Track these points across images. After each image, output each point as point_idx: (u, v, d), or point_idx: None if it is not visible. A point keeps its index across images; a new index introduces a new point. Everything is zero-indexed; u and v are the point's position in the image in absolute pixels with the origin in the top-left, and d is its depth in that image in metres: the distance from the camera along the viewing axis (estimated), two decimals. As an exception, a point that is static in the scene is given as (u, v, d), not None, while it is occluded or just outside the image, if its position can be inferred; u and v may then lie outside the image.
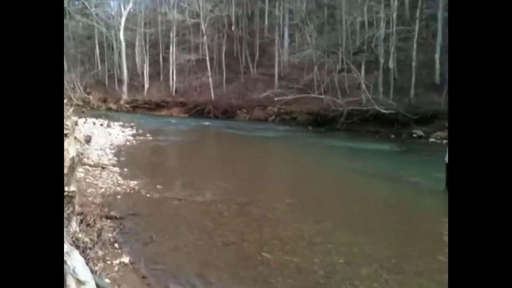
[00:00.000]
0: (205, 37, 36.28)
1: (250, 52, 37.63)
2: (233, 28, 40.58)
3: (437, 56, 23.16)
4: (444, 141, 17.76)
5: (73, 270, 2.82)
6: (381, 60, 24.94)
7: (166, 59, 40.70)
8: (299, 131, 23.40)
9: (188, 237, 5.61)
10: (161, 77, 41.24)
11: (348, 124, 23.32)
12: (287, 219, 6.52)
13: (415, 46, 23.30)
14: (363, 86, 23.98)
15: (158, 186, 8.35)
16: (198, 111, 33.28)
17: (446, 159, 8.74)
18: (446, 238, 6.28)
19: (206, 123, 27.49)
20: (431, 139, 19.25)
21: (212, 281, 4.27)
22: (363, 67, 25.40)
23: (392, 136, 20.78)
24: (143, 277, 4.26)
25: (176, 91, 38.36)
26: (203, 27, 35.77)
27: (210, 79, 34.95)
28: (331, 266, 4.71)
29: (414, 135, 20.21)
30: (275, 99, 28.22)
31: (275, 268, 4.60)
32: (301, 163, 13.44)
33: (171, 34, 39.46)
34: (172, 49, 38.92)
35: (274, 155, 16.44)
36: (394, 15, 25.02)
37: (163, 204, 7.20)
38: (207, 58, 35.23)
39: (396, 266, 4.77)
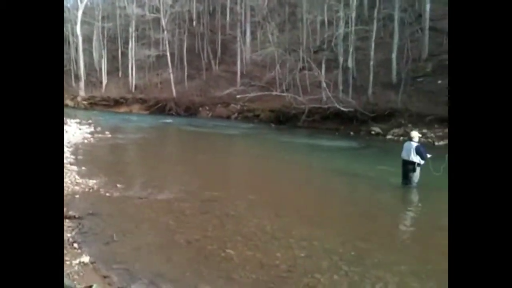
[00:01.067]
0: (165, 32, 35.66)
1: (212, 48, 37.39)
2: (194, 24, 40.18)
3: (394, 55, 23.98)
4: (401, 138, 18.45)
5: None
6: (341, 59, 25.51)
7: (125, 55, 39.72)
8: (262, 129, 23.56)
9: (150, 236, 5.54)
10: (120, 73, 40.20)
11: (309, 122, 23.74)
12: (250, 215, 6.58)
13: (373, 45, 23.99)
14: (324, 84, 24.46)
15: (118, 185, 8.16)
16: (159, 108, 32.72)
17: (403, 155, 9.09)
18: (403, 229, 6.57)
19: (168, 121, 27.09)
20: (388, 136, 19.94)
21: (175, 279, 4.25)
22: (323, 65, 25.90)
23: (351, 133, 21.34)
24: (104, 277, 4.17)
25: (135, 88, 37.52)
26: (163, 22, 35.15)
27: (171, 76, 34.43)
28: (293, 259, 4.81)
29: (372, 132, 20.85)
30: (238, 96, 28.23)
31: (238, 264, 4.63)
32: (263, 160, 13.55)
33: (130, 29, 38.50)
34: (131, 44, 37.99)
35: (236, 152, 16.47)
36: (353, 15, 25.66)
37: (123, 203, 7.05)
38: (168, 54, 34.64)
39: (356, 259, 4.94)
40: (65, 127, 17.59)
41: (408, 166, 8.96)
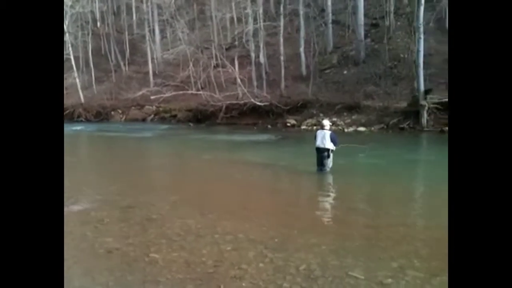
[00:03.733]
0: (67, 35, 33.29)
1: (119, 49, 35.81)
2: (98, 24, 38.12)
3: (301, 49, 25.04)
4: (314, 127, 19.39)
5: None
6: (253, 55, 26.03)
7: (22, 60, 36.39)
8: (180, 129, 23.21)
9: (66, 249, 5.17)
10: (18, 80, 36.74)
11: (228, 118, 23.95)
12: (173, 216, 6.47)
13: (281, 40, 24.82)
14: (238, 80, 24.76)
15: (25, 201, 7.50)
16: (66, 115, 30.46)
17: (317, 143, 9.52)
18: (321, 212, 6.93)
19: (77, 128, 25.49)
20: (303, 127, 20.87)
21: (96, 291, 4.04)
22: (236, 62, 26.19)
23: (269, 126, 21.94)
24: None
25: (38, 95, 34.58)
26: (64, 24, 32.78)
27: (78, 80, 32.30)
28: (219, 254, 4.83)
29: (288, 124, 21.66)
30: (152, 97, 27.44)
31: (164, 266, 4.54)
32: (182, 159, 13.38)
33: (26, 32, 35.33)
34: (29, 48, 34.92)
35: (154, 154, 16.04)
36: (261, 11, 26.29)
37: (32, 219, 6.50)
38: (72, 57, 32.34)
39: (279, 245, 5.11)
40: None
41: (323, 153, 9.45)
